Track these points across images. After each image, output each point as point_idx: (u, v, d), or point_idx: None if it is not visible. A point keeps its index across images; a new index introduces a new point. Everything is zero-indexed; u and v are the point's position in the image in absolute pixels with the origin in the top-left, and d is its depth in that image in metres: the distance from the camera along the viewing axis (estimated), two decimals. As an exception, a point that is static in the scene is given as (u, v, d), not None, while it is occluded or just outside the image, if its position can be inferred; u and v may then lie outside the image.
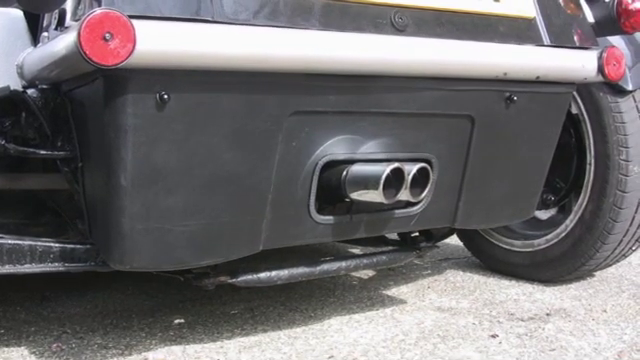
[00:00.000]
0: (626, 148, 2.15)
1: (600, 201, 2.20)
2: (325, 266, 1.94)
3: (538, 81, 1.84)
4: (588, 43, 1.92)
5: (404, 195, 1.69)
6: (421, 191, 1.75)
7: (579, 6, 1.97)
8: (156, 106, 1.40)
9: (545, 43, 1.84)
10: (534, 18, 1.84)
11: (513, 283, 2.43)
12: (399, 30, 1.62)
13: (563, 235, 2.32)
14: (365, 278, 2.53)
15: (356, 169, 1.68)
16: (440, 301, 2.23)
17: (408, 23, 1.64)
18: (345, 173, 1.68)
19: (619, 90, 2.14)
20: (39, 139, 1.67)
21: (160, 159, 1.44)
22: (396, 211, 1.84)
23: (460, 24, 1.72)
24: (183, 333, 1.94)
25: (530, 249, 2.42)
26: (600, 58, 1.88)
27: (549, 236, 2.36)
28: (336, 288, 2.38)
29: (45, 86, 1.61)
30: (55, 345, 1.85)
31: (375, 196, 1.64)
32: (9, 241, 1.62)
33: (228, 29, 1.40)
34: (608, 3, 2.02)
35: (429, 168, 1.74)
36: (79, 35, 1.25)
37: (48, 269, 1.67)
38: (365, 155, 1.72)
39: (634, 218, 2.21)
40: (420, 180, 1.72)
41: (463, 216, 1.97)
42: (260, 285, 1.86)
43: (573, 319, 2.05)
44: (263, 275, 1.83)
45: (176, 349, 1.82)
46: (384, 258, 2.06)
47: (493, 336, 1.91)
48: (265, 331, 1.95)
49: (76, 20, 1.42)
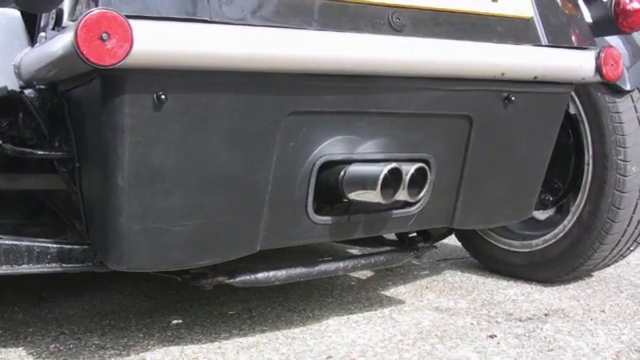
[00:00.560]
0: (624, 148, 2.15)
1: (598, 201, 2.20)
2: (323, 266, 1.94)
3: (536, 81, 1.84)
4: (586, 43, 1.92)
5: (402, 195, 1.69)
6: (419, 191, 1.74)
7: (577, 6, 1.97)
8: (153, 106, 1.39)
9: (543, 43, 1.84)
10: (532, 18, 1.84)
11: (511, 283, 2.43)
12: (397, 30, 1.62)
13: (561, 235, 2.32)
14: (363, 278, 2.53)
15: (354, 169, 1.68)
16: (438, 301, 2.23)
17: (405, 23, 1.64)
18: (343, 173, 1.68)
19: (617, 90, 2.14)
20: (36, 139, 1.67)
21: (157, 159, 1.44)
22: (394, 211, 1.84)
23: (458, 24, 1.72)
24: (181, 334, 1.94)
25: (528, 249, 2.42)
26: (598, 58, 1.88)
27: (547, 236, 2.36)
28: (334, 288, 2.38)
29: (42, 86, 1.61)
30: (53, 346, 1.84)
31: (373, 196, 1.64)
32: (7, 241, 1.62)
33: (225, 29, 1.40)
34: (606, 3, 2.02)
35: (427, 168, 1.74)
36: (76, 35, 1.25)
37: (46, 270, 1.67)
38: (363, 155, 1.71)
39: (632, 218, 2.21)
40: (418, 180, 1.72)
41: (461, 216, 1.97)
42: (258, 285, 1.86)
43: (571, 319, 2.05)
44: (261, 275, 1.83)
45: (174, 350, 1.82)
46: (382, 258, 2.06)
47: (491, 336, 1.91)
48: (263, 331, 1.95)
49: (73, 20, 1.42)
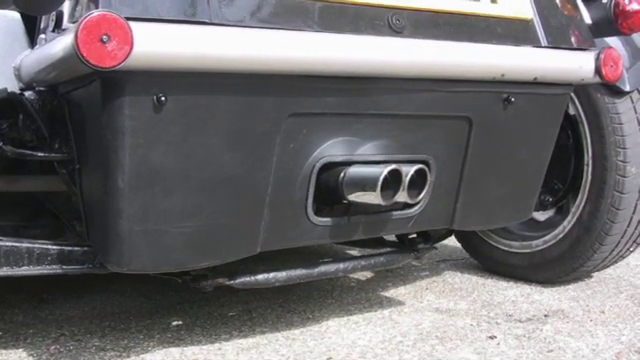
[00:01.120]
0: (623, 149, 2.15)
1: (598, 202, 2.20)
2: (323, 268, 1.94)
3: (536, 82, 1.84)
4: (585, 44, 1.92)
5: (402, 197, 1.69)
6: (419, 193, 1.74)
7: (576, 7, 1.97)
8: (153, 108, 1.40)
9: (542, 44, 1.84)
10: (531, 19, 1.84)
11: (511, 284, 2.43)
12: (396, 32, 1.62)
13: (561, 236, 2.32)
14: (363, 280, 2.53)
15: (354, 171, 1.68)
16: (438, 302, 2.23)
17: (405, 25, 1.64)
18: (343, 175, 1.68)
19: (616, 91, 2.14)
20: (36, 141, 1.67)
21: (157, 161, 1.44)
22: (394, 213, 1.84)
23: (457, 25, 1.72)
24: (181, 335, 1.94)
25: (528, 250, 2.42)
26: (597, 59, 1.88)
27: (547, 237, 2.36)
28: (334, 290, 2.38)
29: (42, 88, 1.61)
30: (53, 347, 1.84)
31: (373, 198, 1.64)
32: (7, 243, 1.62)
33: (225, 31, 1.40)
34: (605, 4, 2.02)
35: (427, 169, 1.74)
36: (76, 37, 1.25)
37: (46, 271, 1.67)
38: (363, 157, 1.71)
39: (632, 219, 2.21)
40: (418, 181, 1.72)
41: (461, 217, 1.97)
42: (258, 287, 1.86)
43: (571, 320, 2.05)
44: (261, 277, 1.83)
45: (174, 351, 1.82)
46: (382, 260, 2.06)
47: (491, 337, 1.91)
48: (263, 333, 1.95)
49: (73, 22, 1.42)
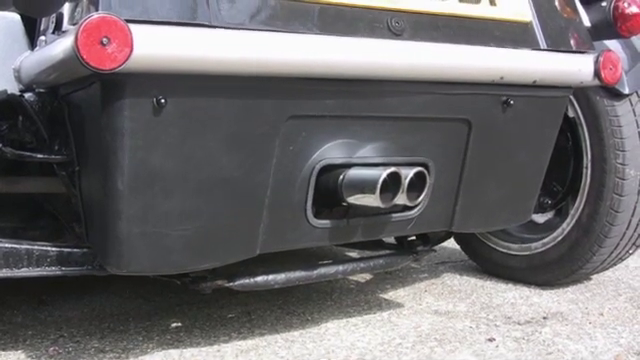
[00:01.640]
0: (623, 152, 2.16)
1: (597, 204, 2.20)
2: (322, 270, 1.94)
3: (535, 85, 1.85)
4: (584, 47, 1.92)
5: (401, 199, 1.69)
6: (418, 195, 1.74)
7: (575, 10, 1.97)
8: (153, 110, 1.40)
9: (542, 47, 1.84)
10: (530, 22, 1.84)
11: (510, 286, 2.43)
12: (396, 34, 1.62)
13: (560, 239, 2.32)
14: (362, 282, 2.53)
15: (353, 173, 1.68)
16: (437, 305, 2.23)
17: (405, 27, 1.64)
18: (342, 177, 1.68)
19: (615, 94, 2.15)
20: (36, 143, 1.67)
21: (157, 163, 1.44)
22: (393, 215, 1.84)
23: (457, 28, 1.72)
24: (180, 337, 1.94)
25: (527, 252, 2.42)
26: (596, 62, 1.88)
27: (546, 239, 2.37)
28: (333, 292, 2.38)
29: (42, 90, 1.61)
30: (52, 349, 1.84)
31: (372, 200, 1.64)
32: (6, 245, 1.62)
33: (225, 33, 1.40)
34: (604, 7, 2.02)
35: (426, 172, 1.74)
36: (76, 39, 1.25)
37: (45, 273, 1.67)
38: (362, 159, 1.72)
39: (630, 221, 2.21)
40: (417, 184, 1.72)
41: (460, 220, 1.97)
42: (257, 289, 1.86)
43: (570, 323, 2.05)
44: (260, 279, 1.83)
45: (173, 353, 1.82)
46: (381, 262, 2.06)
47: (490, 340, 1.91)
48: (262, 335, 1.95)
49: (73, 24, 1.43)
